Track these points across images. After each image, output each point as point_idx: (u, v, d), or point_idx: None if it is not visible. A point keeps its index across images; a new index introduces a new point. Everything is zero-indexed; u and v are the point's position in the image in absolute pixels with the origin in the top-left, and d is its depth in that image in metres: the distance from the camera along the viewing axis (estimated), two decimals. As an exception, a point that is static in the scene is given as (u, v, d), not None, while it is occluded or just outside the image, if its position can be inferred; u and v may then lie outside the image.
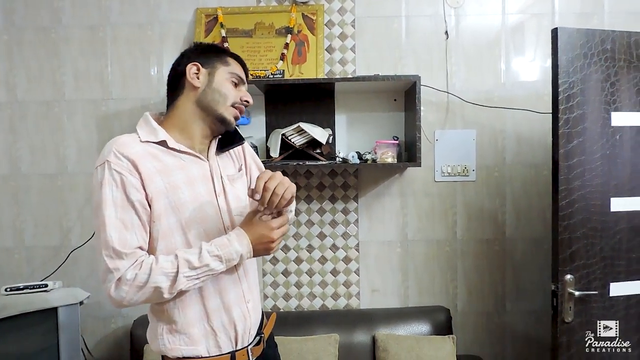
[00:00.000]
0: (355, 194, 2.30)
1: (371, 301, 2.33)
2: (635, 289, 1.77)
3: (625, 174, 1.74)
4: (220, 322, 1.18)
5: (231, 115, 1.23)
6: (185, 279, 1.07)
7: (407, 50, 2.27)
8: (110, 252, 1.05)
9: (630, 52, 1.74)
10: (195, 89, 1.21)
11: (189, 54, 1.25)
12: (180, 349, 1.15)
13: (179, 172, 1.16)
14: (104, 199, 1.07)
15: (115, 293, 1.06)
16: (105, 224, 1.06)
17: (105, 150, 1.12)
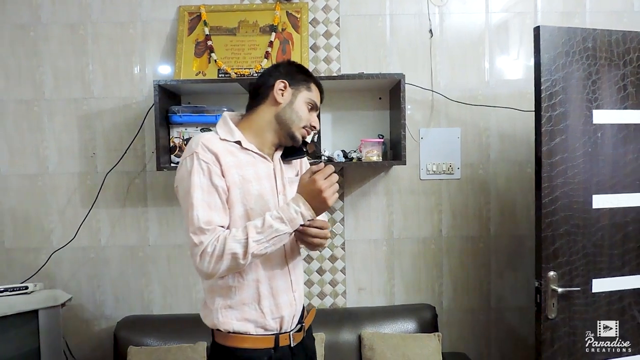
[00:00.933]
0: (341, 193, 2.29)
1: (357, 300, 2.33)
2: (616, 285, 1.79)
3: (607, 171, 1.76)
4: (269, 306, 1.31)
5: (300, 135, 1.38)
6: (255, 243, 1.19)
7: (392, 49, 2.27)
8: (195, 229, 1.20)
9: (611, 50, 1.75)
10: (277, 103, 1.35)
11: (282, 70, 1.39)
12: (231, 323, 1.29)
13: (250, 168, 1.31)
14: (192, 184, 1.22)
15: (200, 264, 1.20)
16: (193, 205, 1.21)
17: (192, 144, 1.27)
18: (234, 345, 1.29)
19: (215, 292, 1.31)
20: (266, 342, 1.31)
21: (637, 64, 1.78)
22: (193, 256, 1.21)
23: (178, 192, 1.29)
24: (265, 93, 1.36)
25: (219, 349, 1.32)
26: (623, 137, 1.77)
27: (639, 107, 1.79)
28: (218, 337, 1.32)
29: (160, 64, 2.26)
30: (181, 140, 2.07)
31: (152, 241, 2.29)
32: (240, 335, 1.29)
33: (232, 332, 1.29)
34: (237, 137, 1.32)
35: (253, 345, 1.29)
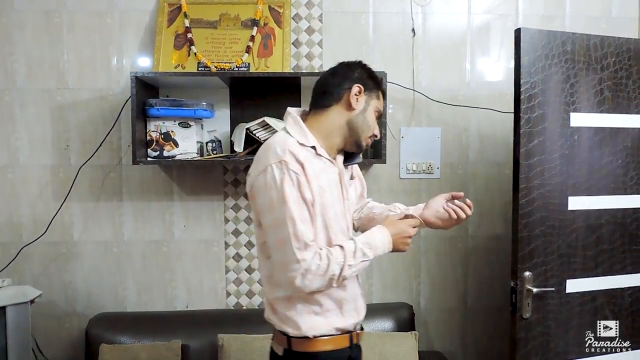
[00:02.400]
0: (321, 191, 2.28)
1: (335, 298, 2.32)
2: (589, 286, 1.82)
3: (583, 173, 1.79)
4: (349, 310, 1.32)
5: (365, 144, 1.37)
6: (348, 267, 1.20)
7: (374, 47, 2.27)
8: (301, 244, 1.16)
9: (589, 54, 1.78)
10: (351, 109, 1.30)
11: (357, 72, 1.34)
12: (316, 329, 1.26)
13: (324, 175, 1.27)
14: (287, 195, 1.16)
15: (301, 282, 1.17)
16: (294, 219, 1.15)
17: (277, 150, 1.19)
18: (317, 349, 1.27)
19: (295, 301, 1.27)
20: (345, 342, 1.32)
21: (614, 68, 1.81)
22: (290, 272, 1.17)
23: (257, 198, 1.23)
24: (338, 95, 1.30)
25: (299, 357, 1.28)
26: (599, 140, 1.80)
27: (615, 111, 1.82)
28: (296, 345, 1.28)
29: (138, 56, 2.21)
30: (158, 134, 2.03)
31: (127, 236, 2.24)
32: (323, 339, 1.28)
33: (317, 336, 1.27)
34: (312, 142, 1.27)
35: (336, 346, 1.29)
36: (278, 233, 1.18)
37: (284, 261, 1.19)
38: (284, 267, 1.19)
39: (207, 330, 2.07)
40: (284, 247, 1.17)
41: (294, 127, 1.29)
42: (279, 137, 1.25)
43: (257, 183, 1.22)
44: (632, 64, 1.82)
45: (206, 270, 2.27)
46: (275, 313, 1.32)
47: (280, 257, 1.20)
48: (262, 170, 1.20)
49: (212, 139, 2.16)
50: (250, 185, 1.26)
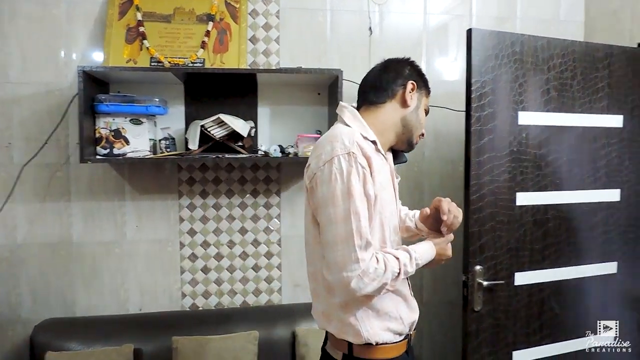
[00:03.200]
0: (278, 188, 2.26)
1: (293, 296, 2.31)
2: (537, 278, 1.89)
3: (530, 170, 1.85)
4: (406, 312, 1.29)
5: (415, 141, 1.35)
6: (400, 278, 1.18)
7: (332, 45, 2.27)
8: (363, 242, 1.10)
9: (536, 55, 1.84)
10: (406, 106, 1.29)
11: (408, 70, 1.31)
12: (378, 334, 1.22)
13: (382, 172, 1.22)
14: (352, 189, 1.10)
15: (356, 284, 1.10)
16: (359, 214, 1.09)
17: (345, 140, 1.13)
18: (380, 357, 1.23)
19: (354, 307, 1.21)
20: (404, 347, 1.29)
21: (560, 69, 1.88)
22: (349, 272, 1.09)
23: (317, 190, 1.14)
24: (393, 91, 1.28)
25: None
26: (545, 138, 1.87)
27: (560, 110, 1.89)
28: (358, 351, 1.22)
29: (87, 49, 2.12)
30: (108, 131, 1.95)
31: (76, 238, 2.15)
32: (387, 346, 1.24)
33: (380, 343, 1.22)
34: (372, 137, 1.23)
35: (397, 352, 1.26)
36: (338, 229, 1.10)
37: (341, 260, 1.10)
38: (341, 267, 1.10)
39: (161, 333, 2.02)
40: (343, 245, 1.10)
41: (354, 120, 1.24)
42: (344, 129, 1.19)
43: (319, 174, 1.14)
44: (576, 65, 1.90)
45: (160, 272, 2.21)
46: (330, 321, 1.25)
47: (336, 255, 1.11)
48: (327, 161, 1.12)
49: (166, 136, 2.10)
50: (311, 176, 1.17)
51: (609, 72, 1.96)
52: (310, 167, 1.20)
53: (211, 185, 2.22)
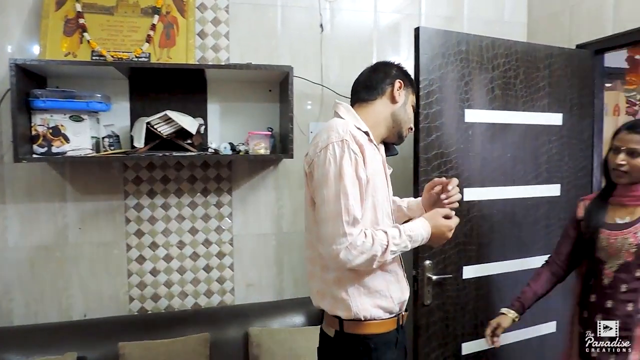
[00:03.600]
0: (229, 187, 2.22)
1: (246, 296, 2.27)
2: (484, 271, 1.95)
3: (476, 166, 1.90)
4: (396, 291, 1.36)
5: (405, 134, 1.47)
6: (390, 252, 1.25)
7: (283, 41, 2.24)
8: (350, 218, 1.21)
9: (481, 54, 1.89)
10: (395, 102, 1.41)
11: (395, 71, 1.43)
12: (368, 310, 1.30)
13: (375, 159, 1.33)
14: (344, 171, 1.22)
15: (344, 255, 1.20)
16: (347, 195, 1.21)
17: (339, 129, 1.26)
18: (369, 332, 1.31)
19: (347, 283, 1.31)
20: (393, 324, 1.36)
21: (504, 68, 1.94)
22: (337, 244, 1.20)
23: (314, 174, 1.27)
24: (383, 89, 1.40)
25: (350, 338, 1.31)
26: (490, 135, 1.93)
27: (504, 108, 1.95)
28: (348, 327, 1.31)
29: (22, 42, 1.99)
30: (46, 128, 1.85)
31: (13, 242, 2.02)
32: (375, 322, 1.32)
33: (368, 319, 1.30)
34: (365, 128, 1.35)
35: (386, 329, 1.34)
36: (330, 207, 1.22)
37: (331, 234, 1.21)
38: (331, 240, 1.22)
39: (107, 340, 1.93)
40: (333, 221, 1.21)
41: (348, 114, 1.37)
42: (339, 121, 1.31)
43: (317, 160, 1.26)
44: (519, 64, 1.97)
45: (106, 276, 2.12)
46: (324, 298, 1.35)
47: (327, 230, 1.22)
48: (323, 148, 1.25)
49: (110, 133, 2.01)
50: (309, 163, 1.30)
51: (549, 72, 2.04)
52: (309, 154, 1.32)
53: (159, 185, 2.15)
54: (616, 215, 1.54)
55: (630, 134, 1.47)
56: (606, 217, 1.55)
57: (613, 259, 1.50)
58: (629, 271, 1.47)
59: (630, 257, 1.47)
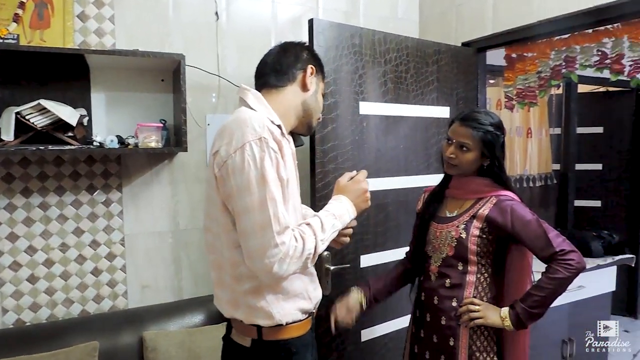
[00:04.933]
0: (119, 183, 2.07)
1: (141, 299, 2.14)
2: (380, 259, 2.01)
3: (371, 157, 1.96)
4: (313, 291, 1.31)
5: (315, 125, 1.38)
6: (321, 242, 1.17)
7: (175, 28, 2.12)
8: (281, 227, 1.10)
9: (374, 48, 1.94)
10: (306, 90, 1.30)
11: (309, 54, 1.32)
12: (289, 315, 1.23)
13: (289, 155, 1.21)
14: (267, 175, 1.10)
15: (279, 268, 1.10)
16: (275, 200, 1.09)
17: (255, 126, 1.12)
18: (290, 336, 1.24)
19: (264, 291, 1.20)
20: (309, 324, 1.31)
21: (396, 63, 2.01)
22: (269, 258, 1.09)
23: (231, 180, 1.11)
24: (294, 75, 1.28)
25: (270, 345, 1.23)
26: (384, 128, 1.99)
27: (396, 101, 2.03)
28: (268, 334, 1.22)
29: None
30: None
31: None
32: (295, 325, 1.25)
33: (290, 323, 1.23)
34: (278, 121, 1.22)
35: (305, 330, 1.28)
36: (256, 217, 1.10)
37: (261, 247, 1.10)
38: (261, 254, 1.10)
39: (-27, 358, 1.71)
40: (262, 232, 1.09)
41: (259, 104, 1.23)
42: (252, 113, 1.17)
43: (231, 162, 1.11)
44: (409, 59, 2.05)
45: (-28, 285, 1.88)
46: (238, 308, 1.23)
47: (256, 243, 1.10)
48: (238, 148, 1.10)
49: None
50: (220, 164, 1.13)
51: (437, 68, 2.15)
52: (219, 154, 1.15)
53: (36, 182, 1.94)
54: (448, 209, 1.52)
55: (461, 126, 1.43)
56: (440, 210, 1.54)
57: (437, 253, 1.49)
58: (451, 265, 1.46)
59: (452, 252, 1.45)
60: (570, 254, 1.34)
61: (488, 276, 1.47)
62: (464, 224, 1.44)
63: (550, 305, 1.38)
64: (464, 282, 1.45)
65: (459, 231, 1.45)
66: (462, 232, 1.44)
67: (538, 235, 1.36)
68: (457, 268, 1.46)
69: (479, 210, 1.44)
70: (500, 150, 1.44)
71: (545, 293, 1.35)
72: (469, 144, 1.42)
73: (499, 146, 1.43)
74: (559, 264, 1.33)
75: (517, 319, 1.37)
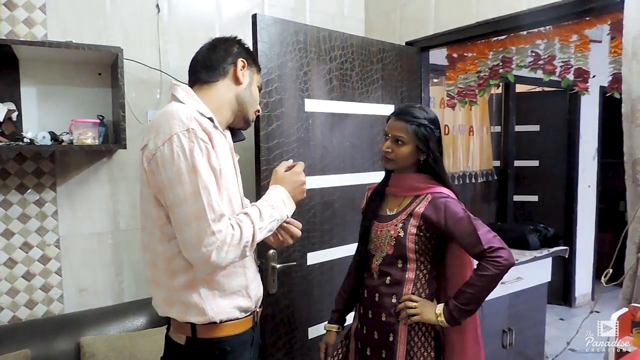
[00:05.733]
0: (53, 182, 1.96)
1: (79, 303, 2.04)
2: (327, 256, 2.03)
3: (317, 154, 1.96)
4: (254, 289, 1.30)
5: (252, 118, 1.38)
6: (259, 230, 1.17)
7: (113, 20, 2.03)
8: (216, 215, 1.10)
9: (319, 45, 1.94)
10: (239, 83, 1.31)
11: (237, 49, 1.33)
12: (224, 313, 1.22)
13: (223, 147, 1.23)
14: (198, 165, 1.10)
15: (217, 256, 1.10)
16: (208, 189, 1.10)
17: (182, 117, 1.12)
18: (225, 334, 1.23)
19: (199, 285, 1.19)
20: (249, 323, 1.29)
21: (341, 60, 2.02)
22: (206, 246, 1.08)
23: (161, 172, 1.11)
24: (224, 69, 1.29)
25: (204, 343, 1.22)
26: (330, 125, 2.00)
27: (342, 99, 2.04)
28: (202, 331, 1.21)
29: None
30: None
31: None
32: (231, 323, 1.23)
33: (224, 321, 1.22)
34: (209, 113, 1.22)
35: (243, 328, 1.26)
36: (190, 206, 1.09)
37: (196, 236, 1.09)
38: (198, 243, 1.09)
39: None
40: (197, 221, 1.09)
41: (189, 98, 1.23)
42: (179, 106, 1.17)
43: (159, 155, 1.11)
44: (354, 57, 2.07)
45: None
46: (172, 305, 1.21)
47: (192, 233, 1.10)
48: (166, 140, 1.10)
49: None
50: (149, 158, 1.14)
51: (382, 66, 2.19)
52: (147, 148, 1.15)
53: (-42, 182, 1.80)
54: (388, 207, 1.54)
55: (396, 121, 1.45)
56: (381, 209, 1.55)
57: (379, 252, 1.50)
58: (391, 263, 1.48)
59: (391, 250, 1.47)
60: (499, 251, 1.37)
61: (427, 272, 1.50)
62: (401, 222, 1.47)
63: (483, 301, 1.42)
64: (403, 279, 1.47)
65: (397, 230, 1.46)
66: (400, 231, 1.46)
67: (469, 232, 1.39)
68: (397, 266, 1.48)
69: (415, 208, 1.46)
70: (436, 144, 1.47)
71: (475, 290, 1.38)
72: (403, 137, 1.44)
73: (434, 140, 1.46)
74: (488, 262, 1.37)
75: (450, 315, 1.40)
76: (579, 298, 4.32)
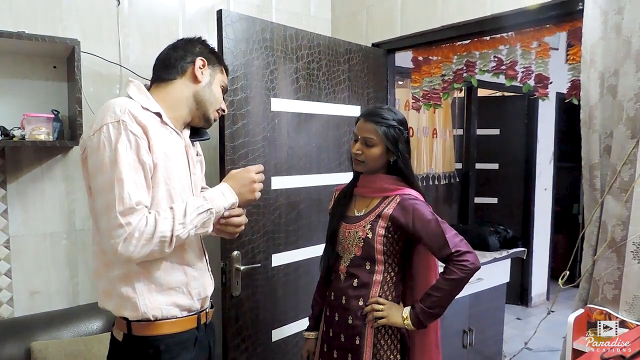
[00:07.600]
0: (3, 179, 1.85)
1: (30, 306, 1.94)
2: (292, 257, 2.01)
3: (283, 155, 1.94)
4: (197, 287, 1.28)
5: (213, 117, 1.37)
6: (180, 226, 1.14)
7: (70, 11, 1.94)
8: (125, 209, 1.09)
9: (285, 44, 1.92)
10: (197, 82, 1.31)
11: (199, 48, 1.34)
12: (160, 309, 1.20)
13: (170, 144, 1.23)
14: (119, 157, 1.10)
15: (124, 248, 1.09)
16: (122, 181, 1.10)
17: (116, 109, 1.13)
18: (160, 332, 1.21)
19: (134, 279, 1.19)
20: (191, 323, 1.27)
21: (307, 60, 2.01)
22: (114, 238, 1.09)
23: (89, 161, 1.15)
24: (182, 68, 1.30)
25: (138, 341, 1.20)
26: (296, 125, 1.98)
27: (309, 98, 2.03)
28: (136, 329, 1.20)
29: None
30: None
31: None
32: (169, 321, 1.22)
33: (160, 318, 1.20)
34: (157, 109, 1.23)
35: (182, 328, 1.24)
36: (104, 196, 1.11)
37: (107, 227, 1.11)
38: (108, 234, 1.11)
39: None
40: (107, 212, 1.10)
41: (138, 93, 1.24)
42: (119, 99, 1.17)
43: (90, 144, 1.14)
44: (321, 57, 2.06)
45: None
46: (110, 298, 1.22)
47: (104, 223, 1.12)
48: (96, 130, 1.13)
49: None
50: (83, 147, 1.18)
51: (349, 67, 2.19)
52: (82, 138, 1.22)
53: None
54: (356, 208, 1.53)
55: (365, 122, 1.45)
56: (349, 210, 1.54)
57: (347, 253, 1.50)
58: (359, 265, 1.47)
59: (359, 252, 1.46)
60: (466, 255, 1.39)
61: (394, 275, 1.50)
62: (370, 223, 1.46)
63: (449, 304, 1.43)
64: (371, 282, 1.46)
65: (365, 231, 1.45)
66: (368, 232, 1.45)
67: (437, 235, 1.40)
68: (365, 268, 1.47)
69: (384, 209, 1.46)
70: (405, 146, 1.48)
71: (441, 293, 1.39)
72: (373, 138, 1.43)
73: (403, 141, 1.46)
74: (455, 265, 1.38)
75: (416, 319, 1.41)
76: (535, 298, 4.47)
